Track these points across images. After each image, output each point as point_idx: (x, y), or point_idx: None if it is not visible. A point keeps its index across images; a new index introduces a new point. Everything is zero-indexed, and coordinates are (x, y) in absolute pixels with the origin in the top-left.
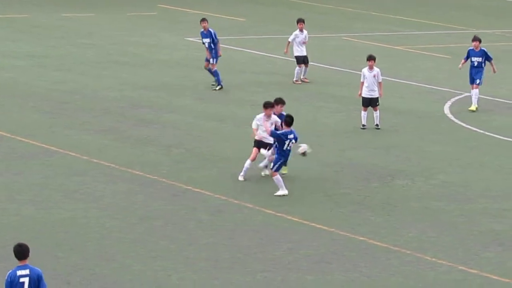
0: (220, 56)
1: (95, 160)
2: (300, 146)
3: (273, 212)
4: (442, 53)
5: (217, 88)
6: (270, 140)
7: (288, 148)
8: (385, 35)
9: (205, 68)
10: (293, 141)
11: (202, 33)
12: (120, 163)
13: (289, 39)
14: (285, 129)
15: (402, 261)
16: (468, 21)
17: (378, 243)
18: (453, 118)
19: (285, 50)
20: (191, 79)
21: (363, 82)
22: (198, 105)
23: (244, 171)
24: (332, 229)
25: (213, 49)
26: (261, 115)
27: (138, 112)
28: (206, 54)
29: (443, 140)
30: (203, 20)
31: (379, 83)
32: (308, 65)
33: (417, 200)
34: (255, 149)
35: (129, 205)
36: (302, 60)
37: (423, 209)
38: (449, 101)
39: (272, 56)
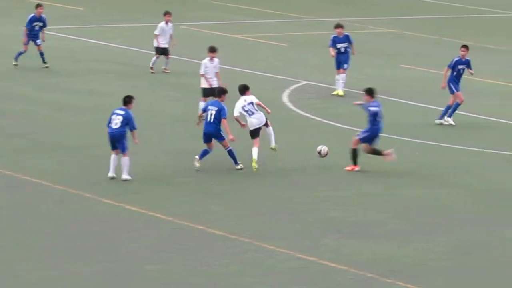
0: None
1: None
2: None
3: (113, 202)
4: (279, 41)
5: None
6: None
7: None
8: (224, 24)
9: (39, 52)
10: None
11: (34, 17)
12: None
13: (156, 32)
14: None
15: (241, 249)
16: (306, 10)
17: (217, 232)
18: (291, 107)
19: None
20: (30, 68)
21: (203, 74)
22: (37, 94)
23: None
24: (172, 218)
25: (41, 33)
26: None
27: None
28: (24, 39)
29: (282, 128)
30: (40, 5)
31: (216, 73)
32: (169, 56)
33: (257, 188)
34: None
35: None
36: (161, 51)
37: (262, 196)
38: (287, 89)
39: (110, 45)
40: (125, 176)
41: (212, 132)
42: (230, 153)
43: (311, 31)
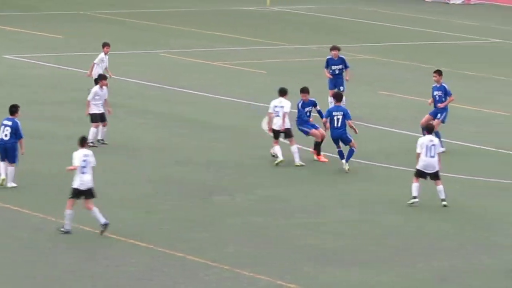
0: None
1: None
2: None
3: (93, 229)
4: (258, 69)
5: None
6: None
7: None
8: (203, 51)
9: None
10: None
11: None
12: None
13: (95, 61)
14: None
15: (221, 276)
16: (284, 37)
17: (197, 259)
18: (271, 133)
19: (88, 73)
20: (10, 97)
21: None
22: None
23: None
24: (151, 246)
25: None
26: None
27: None
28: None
29: (262, 155)
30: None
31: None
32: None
33: (237, 216)
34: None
35: None
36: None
37: (242, 224)
38: (267, 116)
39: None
40: (10, 184)
41: (341, 135)
42: (351, 152)
43: (290, 58)
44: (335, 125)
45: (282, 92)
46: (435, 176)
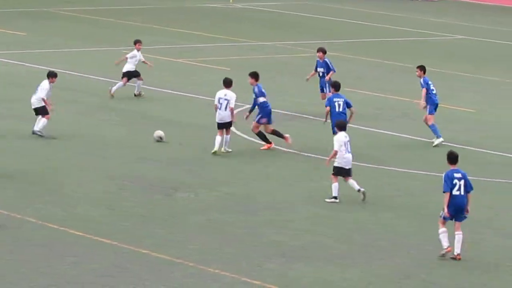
0: None
1: None
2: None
3: (57, 226)
4: (222, 66)
5: None
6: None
7: None
8: (167, 48)
9: None
10: None
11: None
12: None
13: (128, 56)
14: None
15: (185, 273)
16: (248, 34)
17: (161, 256)
18: (235, 130)
19: (117, 62)
20: None
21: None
22: None
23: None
24: (116, 243)
25: None
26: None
27: None
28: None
29: (225, 153)
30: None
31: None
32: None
33: (201, 213)
34: None
35: None
36: (133, 75)
37: (206, 221)
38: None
39: (53, 70)
40: None
41: (345, 120)
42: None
43: (253, 55)
44: (337, 110)
45: (227, 84)
46: (349, 172)
